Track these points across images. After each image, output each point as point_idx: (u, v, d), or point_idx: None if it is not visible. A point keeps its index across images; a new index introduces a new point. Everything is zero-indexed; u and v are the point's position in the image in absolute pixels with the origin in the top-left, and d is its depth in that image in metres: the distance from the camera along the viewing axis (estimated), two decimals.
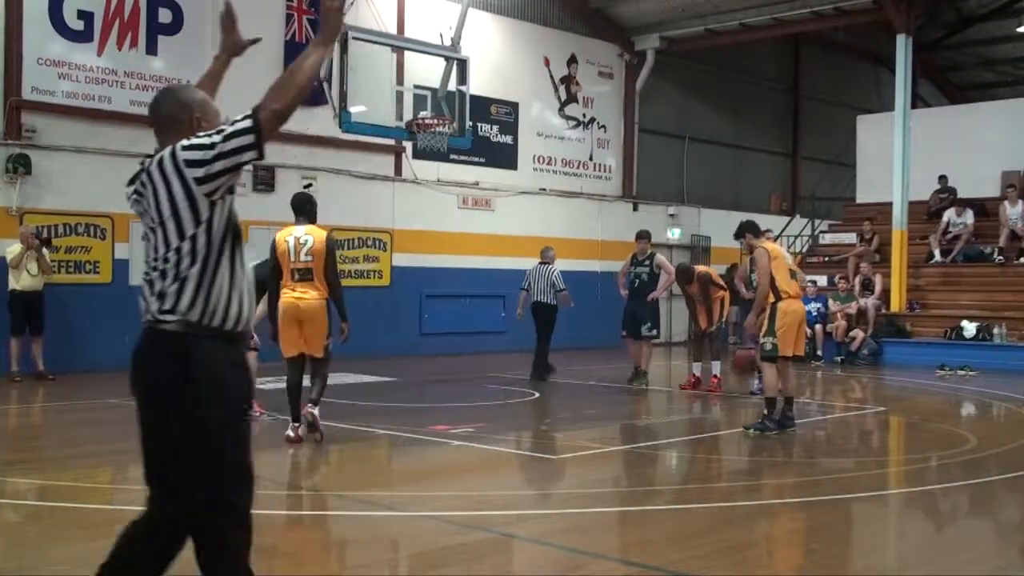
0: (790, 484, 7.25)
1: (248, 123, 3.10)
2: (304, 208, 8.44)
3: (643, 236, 13.06)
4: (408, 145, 17.04)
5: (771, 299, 9.06)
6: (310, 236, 8.18)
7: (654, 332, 12.85)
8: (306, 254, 8.14)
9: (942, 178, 19.84)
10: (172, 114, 3.37)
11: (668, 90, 22.74)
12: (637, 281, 12.75)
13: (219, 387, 3.12)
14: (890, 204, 18.24)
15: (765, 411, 9.15)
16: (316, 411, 8.32)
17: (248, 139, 3.10)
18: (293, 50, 16.15)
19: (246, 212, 10.74)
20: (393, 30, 16.60)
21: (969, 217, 18.69)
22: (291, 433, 8.30)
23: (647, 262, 12.79)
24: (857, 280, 18.11)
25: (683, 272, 12.58)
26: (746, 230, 9.71)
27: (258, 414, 9.41)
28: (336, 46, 13.06)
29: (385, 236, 17.56)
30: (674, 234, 22.47)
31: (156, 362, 3.15)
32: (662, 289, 12.81)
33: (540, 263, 13.52)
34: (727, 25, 20.60)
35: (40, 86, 13.44)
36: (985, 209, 18.84)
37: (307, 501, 6.55)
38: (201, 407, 3.07)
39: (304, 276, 8.12)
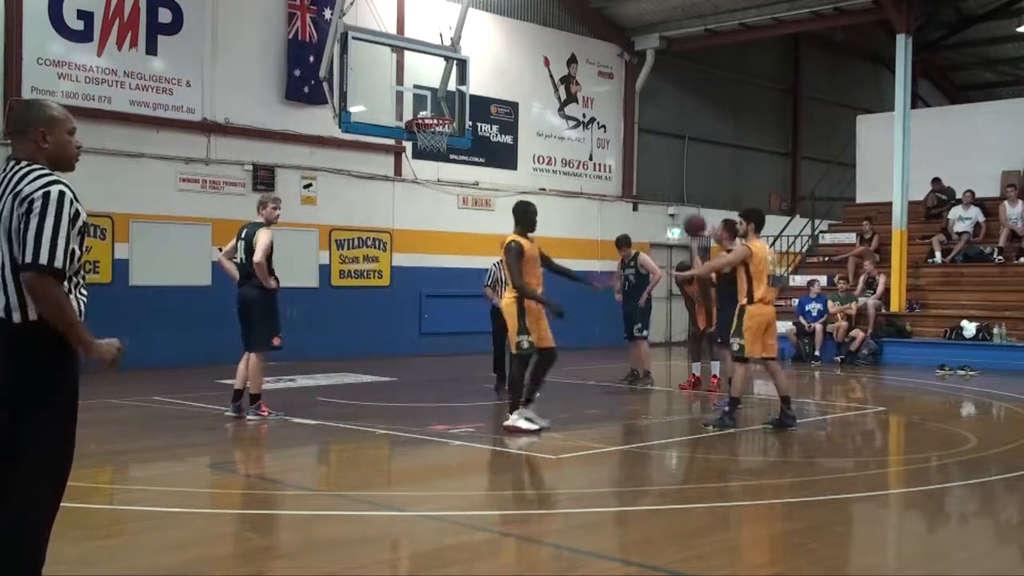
0: (790, 484, 7.24)
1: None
2: (514, 216, 9.21)
3: (622, 243, 12.97)
4: (408, 145, 17.05)
5: (743, 300, 9.17)
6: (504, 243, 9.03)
7: (644, 333, 12.92)
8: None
9: (935, 180, 19.83)
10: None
11: (668, 90, 22.75)
12: (627, 284, 12.84)
13: None
14: (890, 204, 18.24)
15: (726, 408, 9.26)
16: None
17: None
18: (295, 49, 16.17)
19: (247, 211, 10.76)
20: (393, 30, 16.60)
21: (974, 213, 18.68)
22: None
23: (632, 263, 12.83)
24: (861, 279, 18.13)
25: (683, 271, 12.57)
26: (751, 218, 9.37)
27: (265, 414, 9.40)
28: (336, 46, 13.08)
29: (385, 236, 17.57)
30: (674, 234, 22.47)
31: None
32: (650, 289, 12.77)
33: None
34: (727, 25, 20.60)
35: (40, 86, 13.44)
36: (985, 209, 18.84)
37: (307, 501, 6.55)
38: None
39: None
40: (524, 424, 8.81)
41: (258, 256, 9.07)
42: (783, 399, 9.31)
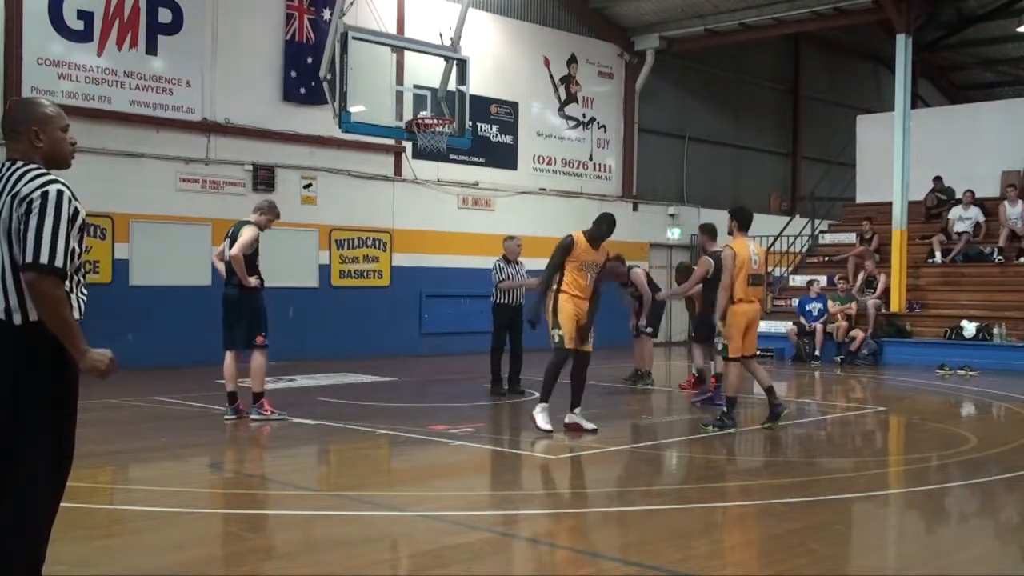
0: (790, 484, 7.24)
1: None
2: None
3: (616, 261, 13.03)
4: (408, 145, 17.06)
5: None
6: None
7: (649, 330, 12.99)
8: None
9: (937, 179, 19.85)
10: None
11: (668, 90, 22.75)
12: (632, 299, 13.07)
13: None
14: (890, 204, 18.25)
15: (725, 409, 9.27)
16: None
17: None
18: (293, 50, 16.17)
19: (247, 212, 10.72)
20: (393, 30, 16.60)
21: (974, 213, 18.70)
22: None
23: (628, 282, 12.87)
24: (861, 276, 18.14)
25: (683, 272, 12.61)
26: (735, 217, 9.52)
27: (268, 413, 9.38)
28: (336, 46, 13.09)
29: (385, 236, 17.57)
30: (674, 234, 22.48)
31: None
32: (647, 313, 12.81)
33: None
34: (727, 25, 20.61)
35: (40, 86, 13.44)
36: (985, 209, 18.85)
37: (307, 501, 6.54)
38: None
39: None
40: (540, 420, 8.83)
41: (235, 250, 8.95)
42: (767, 391, 9.33)
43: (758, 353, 9.86)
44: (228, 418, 9.36)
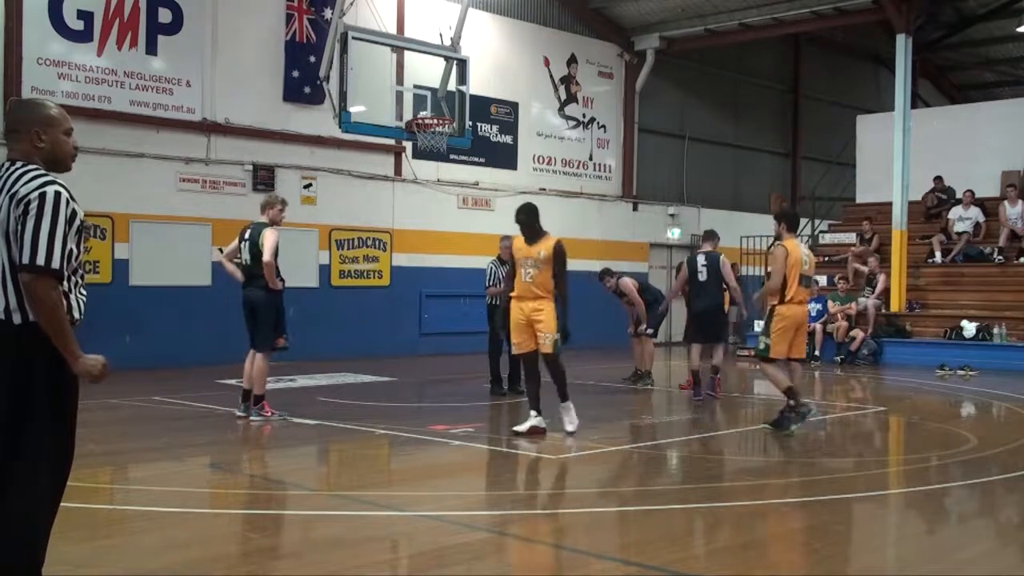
0: (790, 484, 7.25)
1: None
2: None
3: (603, 276, 13.03)
4: (408, 145, 17.05)
5: (774, 300, 9.10)
6: None
7: (650, 331, 13.00)
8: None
9: (937, 179, 19.85)
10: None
11: (668, 90, 22.74)
12: (626, 306, 13.16)
13: None
14: (890, 204, 18.25)
15: (791, 403, 9.02)
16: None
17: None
18: (293, 50, 16.16)
19: (247, 211, 10.74)
20: (393, 30, 16.60)
21: (974, 213, 18.70)
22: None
23: (619, 292, 12.89)
24: (865, 270, 18.17)
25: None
26: (782, 219, 9.45)
27: (268, 414, 9.38)
28: (336, 46, 13.09)
29: (385, 236, 17.56)
30: (674, 234, 22.47)
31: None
32: (647, 322, 12.84)
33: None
34: (727, 25, 20.61)
35: (40, 86, 13.44)
36: (985, 209, 18.86)
37: (307, 501, 6.55)
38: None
39: None
40: (522, 424, 8.82)
41: (267, 256, 9.06)
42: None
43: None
44: (240, 415, 9.38)
